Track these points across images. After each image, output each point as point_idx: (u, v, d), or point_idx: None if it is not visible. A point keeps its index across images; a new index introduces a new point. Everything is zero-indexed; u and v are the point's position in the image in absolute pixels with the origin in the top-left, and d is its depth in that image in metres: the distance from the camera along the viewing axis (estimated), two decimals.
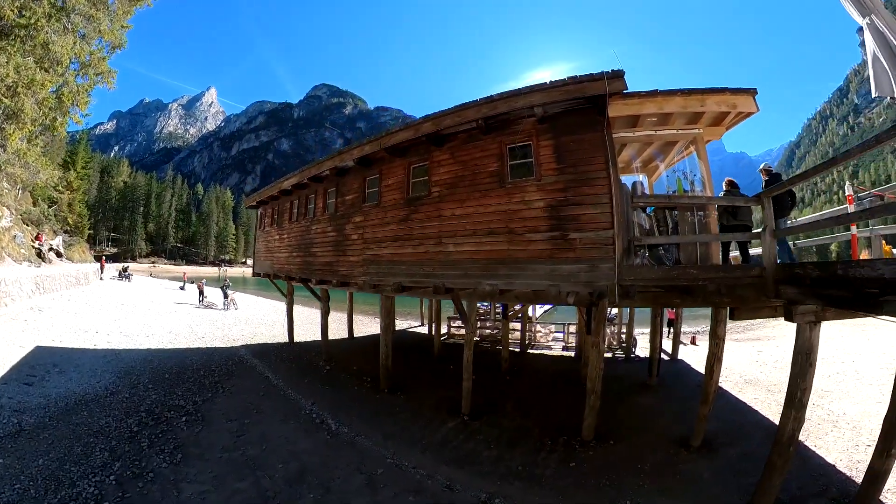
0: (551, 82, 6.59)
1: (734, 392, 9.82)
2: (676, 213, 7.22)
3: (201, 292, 23.84)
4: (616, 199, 6.27)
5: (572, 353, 14.02)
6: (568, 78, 6.45)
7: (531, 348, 15.10)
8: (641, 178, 10.47)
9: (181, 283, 33.00)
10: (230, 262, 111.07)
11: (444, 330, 16.53)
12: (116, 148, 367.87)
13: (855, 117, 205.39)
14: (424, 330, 18.99)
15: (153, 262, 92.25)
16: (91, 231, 69.97)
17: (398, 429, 7.49)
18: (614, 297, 6.21)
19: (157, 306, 20.82)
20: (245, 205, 18.75)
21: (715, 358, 6.97)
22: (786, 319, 4.88)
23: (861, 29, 4.23)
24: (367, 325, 19.04)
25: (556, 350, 14.98)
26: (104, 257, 41.83)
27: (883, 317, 3.64)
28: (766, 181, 7.36)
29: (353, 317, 17.15)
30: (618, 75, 6.07)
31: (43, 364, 9.56)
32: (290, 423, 7.53)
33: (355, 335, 16.60)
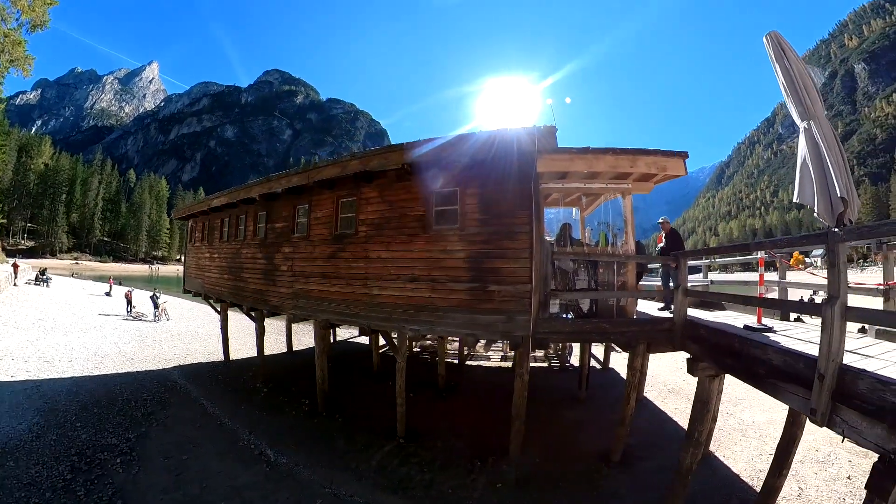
0: (480, 133, 6.76)
1: (657, 402, 10.53)
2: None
3: (129, 302, 22.22)
4: (537, 254, 6.56)
5: (510, 364, 14.22)
6: (498, 130, 6.62)
7: (470, 359, 15.21)
8: (574, 211, 10.85)
9: (107, 289, 30.73)
10: (163, 260, 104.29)
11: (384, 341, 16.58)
12: (39, 122, 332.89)
13: (778, 144, 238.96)
14: (366, 339, 18.18)
15: (75, 259, 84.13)
16: (4, 221, 62.67)
17: (336, 455, 7.58)
18: (529, 347, 6.66)
19: (80, 320, 19.19)
20: (174, 216, 17.89)
21: (632, 386, 7.35)
22: (688, 372, 5.56)
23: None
24: (308, 335, 18.33)
25: (496, 360, 15.29)
26: (17, 258, 37.98)
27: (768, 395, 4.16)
28: (666, 236, 8.12)
29: (293, 326, 15.99)
30: (549, 132, 6.30)
31: None
32: (228, 456, 7.43)
33: (295, 347, 16.28)
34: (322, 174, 8.50)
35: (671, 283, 7.59)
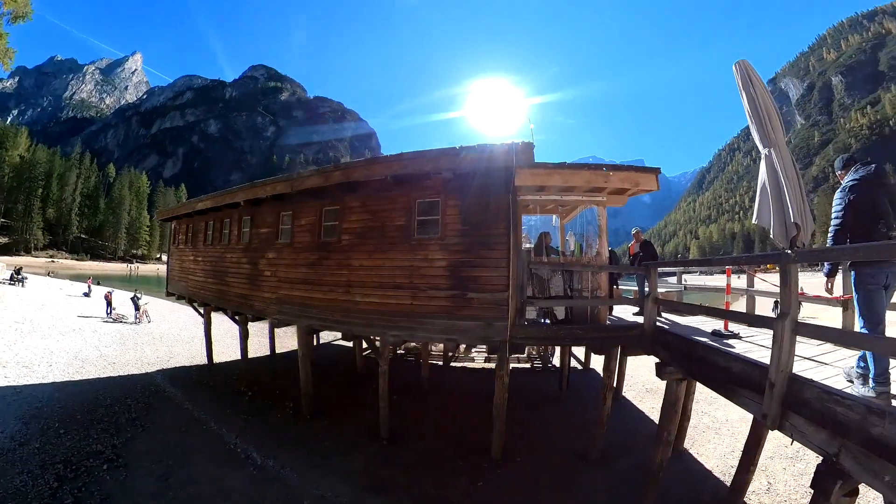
0: (461, 147, 6.94)
1: (635, 402, 10.88)
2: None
3: (109, 303, 21.82)
4: (514, 263, 6.85)
5: (493, 365, 14.41)
6: (478, 146, 6.86)
7: (454, 361, 15.37)
8: (554, 218, 11.23)
9: (86, 289, 30.02)
10: (142, 259, 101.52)
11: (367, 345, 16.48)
12: (16, 112, 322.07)
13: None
14: (350, 342, 17.37)
15: (51, 257, 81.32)
16: None
17: (321, 458, 7.65)
18: (506, 352, 6.96)
19: (58, 322, 18.80)
20: (157, 217, 17.66)
21: (607, 388, 7.57)
22: (657, 375, 5.84)
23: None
24: (291, 338, 17.33)
25: (480, 361, 15.44)
26: None
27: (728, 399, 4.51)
28: (640, 244, 8.61)
29: (276, 329, 15.23)
30: (527, 148, 6.52)
31: None
32: (215, 460, 7.48)
33: (278, 350, 15.84)
34: (306, 183, 8.64)
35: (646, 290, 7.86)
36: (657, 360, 6.10)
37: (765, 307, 7.69)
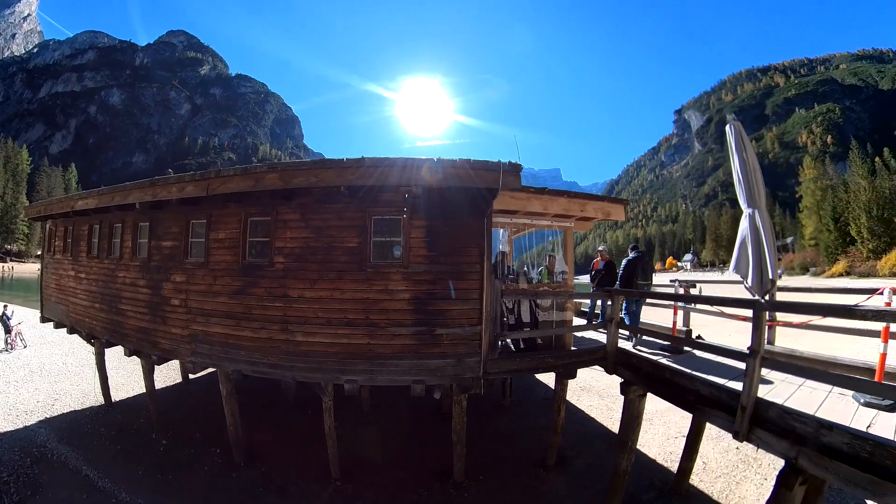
0: (438, 160, 5.91)
1: (573, 400, 10.88)
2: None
3: None
4: (487, 294, 6.23)
5: None
6: (458, 161, 5.92)
7: None
8: (501, 232, 10.71)
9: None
10: (20, 256, 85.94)
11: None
12: None
13: (660, 170, 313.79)
14: None
15: None
16: None
17: None
18: (480, 388, 6.41)
19: None
20: (26, 215, 14.09)
21: (560, 399, 7.71)
22: (621, 393, 6.38)
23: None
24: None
25: None
26: None
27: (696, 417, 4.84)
28: (605, 263, 9.07)
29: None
30: (515, 170, 5.89)
31: None
32: None
33: (191, 376, 12.99)
34: (227, 186, 6.73)
35: (596, 304, 9.63)
36: (622, 380, 6.52)
37: (698, 320, 8.30)
